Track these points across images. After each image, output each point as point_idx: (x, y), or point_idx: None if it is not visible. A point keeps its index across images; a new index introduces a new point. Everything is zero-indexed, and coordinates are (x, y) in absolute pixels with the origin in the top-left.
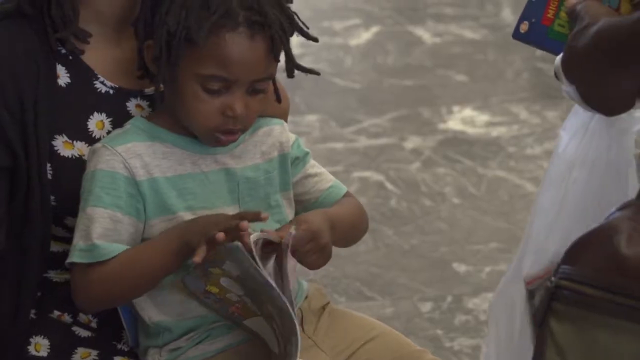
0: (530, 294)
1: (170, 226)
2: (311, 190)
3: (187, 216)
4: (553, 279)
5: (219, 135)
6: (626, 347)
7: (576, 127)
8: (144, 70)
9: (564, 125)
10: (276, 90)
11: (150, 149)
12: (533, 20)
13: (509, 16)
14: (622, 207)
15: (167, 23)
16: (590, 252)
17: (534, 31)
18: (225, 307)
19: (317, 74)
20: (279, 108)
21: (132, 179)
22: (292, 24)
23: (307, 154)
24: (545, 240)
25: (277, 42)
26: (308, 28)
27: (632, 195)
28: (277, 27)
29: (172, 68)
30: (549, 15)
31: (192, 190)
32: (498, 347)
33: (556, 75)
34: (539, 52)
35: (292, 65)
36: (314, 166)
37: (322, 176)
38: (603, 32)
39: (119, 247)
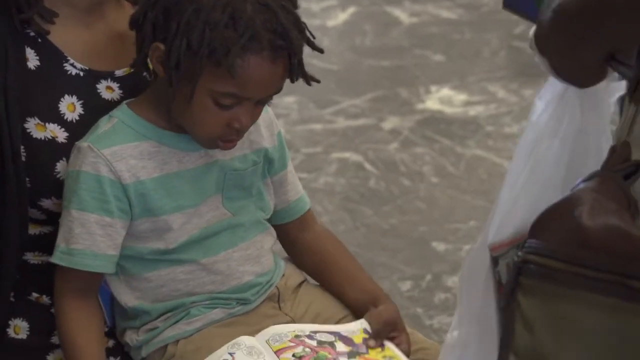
0: (494, 261)
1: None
2: (281, 199)
3: (171, 218)
4: (520, 253)
5: (218, 142)
6: (590, 318)
7: (551, 96)
8: (142, 65)
9: (540, 94)
10: None
11: (137, 149)
12: None
13: None
14: (587, 179)
15: (189, 38)
16: (553, 224)
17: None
18: None
19: (317, 81)
20: None
21: (117, 183)
22: (303, 37)
23: (287, 156)
24: (511, 208)
25: (295, 66)
26: (315, 38)
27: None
28: (297, 50)
29: (186, 81)
30: None
31: (180, 189)
32: (463, 315)
33: (531, 47)
34: (515, 31)
35: (303, 81)
36: (290, 172)
37: (294, 185)
38: (563, 5)
39: (95, 257)
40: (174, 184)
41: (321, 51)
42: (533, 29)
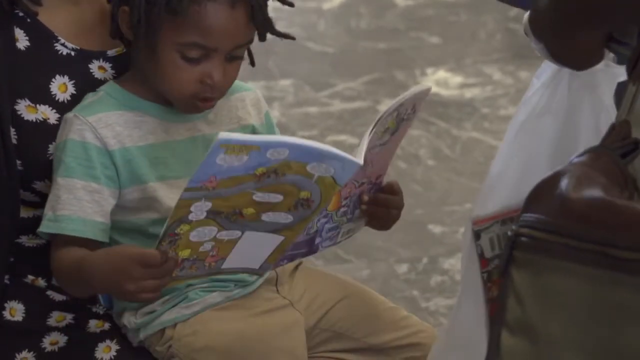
0: (476, 235)
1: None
2: None
3: (159, 186)
4: (514, 227)
5: (196, 102)
6: (575, 289)
7: (547, 76)
8: (117, 34)
9: (538, 74)
10: (250, 54)
11: (122, 118)
12: None
13: None
14: (581, 154)
15: None
16: (543, 197)
17: None
18: (201, 264)
19: (292, 38)
20: None
21: (103, 149)
22: None
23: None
24: (497, 183)
25: (257, 11)
26: None
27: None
28: None
29: (151, 37)
30: None
31: (164, 160)
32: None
33: (526, 33)
34: (512, 13)
35: (267, 30)
36: None
37: None
38: None
39: (83, 223)
40: (157, 154)
41: (291, 5)
42: (527, 14)
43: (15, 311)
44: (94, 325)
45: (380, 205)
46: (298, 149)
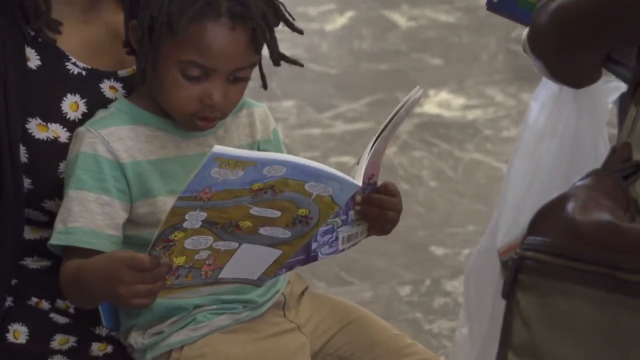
0: (504, 265)
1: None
2: None
3: (168, 200)
4: (518, 250)
5: (196, 120)
6: (581, 311)
7: (546, 97)
8: (130, 48)
9: (535, 96)
10: (262, 77)
11: (133, 132)
12: None
13: None
14: (584, 177)
15: (150, 7)
16: (549, 220)
17: (506, 1)
18: (197, 273)
19: (301, 65)
20: None
21: (115, 162)
22: (277, 15)
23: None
24: (517, 211)
25: (258, 35)
26: (294, 19)
27: (600, 164)
28: (259, 19)
29: (153, 52)
30: None
31: (175, 174)
32: (472, 317)
33: (524, 50)
34: (513, 34)
35: (277, 56)
36: None
37: None
38: (563, 9)
39: (94, 235)
40: (168, 169)
41: (300, 32)
42: (526, 31)
43: (19, 333)
44: (96, 348)
45: (374, 206)
46: (295, 167)
